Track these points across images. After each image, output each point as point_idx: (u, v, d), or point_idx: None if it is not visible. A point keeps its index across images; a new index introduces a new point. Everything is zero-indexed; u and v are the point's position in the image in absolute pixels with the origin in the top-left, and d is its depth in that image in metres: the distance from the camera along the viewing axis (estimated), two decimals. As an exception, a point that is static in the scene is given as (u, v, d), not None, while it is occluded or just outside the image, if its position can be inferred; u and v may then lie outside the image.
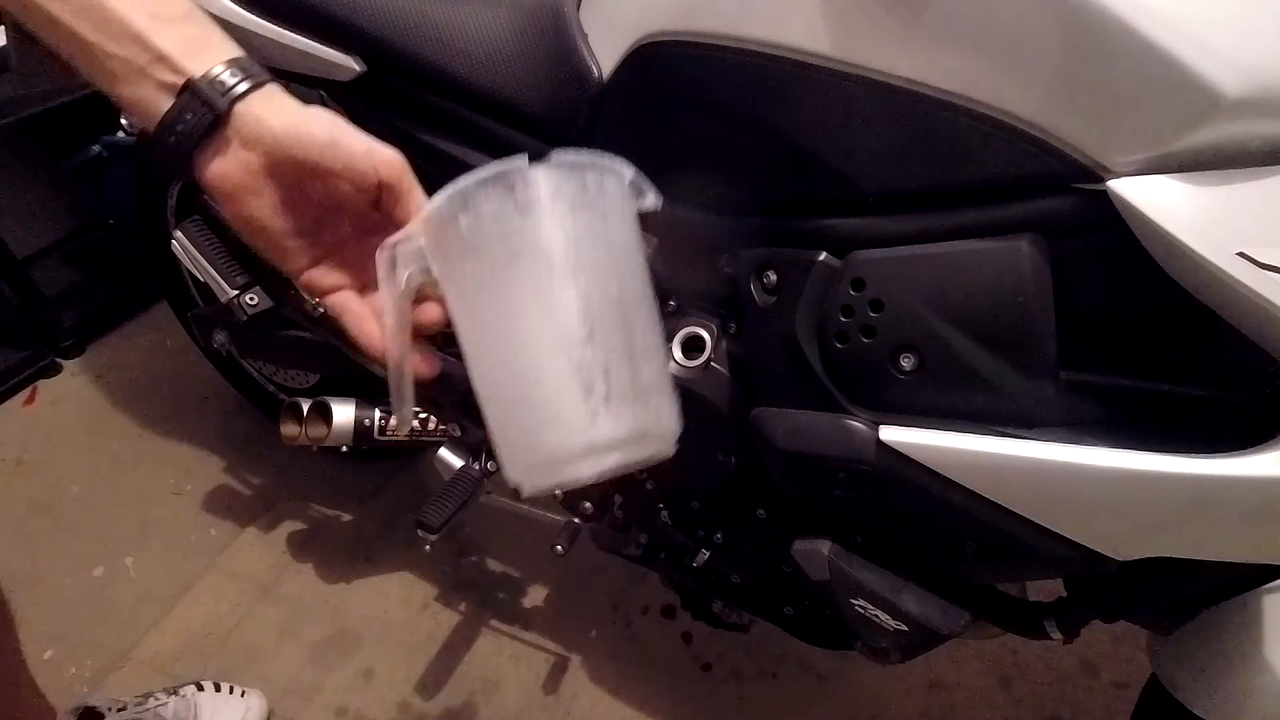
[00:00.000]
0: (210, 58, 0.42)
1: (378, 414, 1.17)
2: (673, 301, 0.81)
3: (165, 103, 0.41)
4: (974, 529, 0.65)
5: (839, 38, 0.59)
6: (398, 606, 1.35)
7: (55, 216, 1.91)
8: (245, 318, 1.12)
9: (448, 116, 0.85)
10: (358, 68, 0.87)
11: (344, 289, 0.48)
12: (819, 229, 0.66)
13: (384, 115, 0.90)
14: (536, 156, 0.41)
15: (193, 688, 1.18)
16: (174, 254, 1.14)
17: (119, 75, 0.41)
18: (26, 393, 1.75)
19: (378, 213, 0.45)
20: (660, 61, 0.70)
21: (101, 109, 1.69)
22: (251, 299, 1.11)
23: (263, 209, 0.44)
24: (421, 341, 0.47)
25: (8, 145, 1.70)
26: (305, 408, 1.17)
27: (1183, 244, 0.49)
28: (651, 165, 0.75)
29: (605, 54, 0.76)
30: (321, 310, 1.09)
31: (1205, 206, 0.50)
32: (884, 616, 0.74)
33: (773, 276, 0.68)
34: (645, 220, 0.83)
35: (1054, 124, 0.54)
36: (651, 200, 0.48)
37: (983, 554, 0.68)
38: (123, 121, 1.70)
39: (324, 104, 1.06)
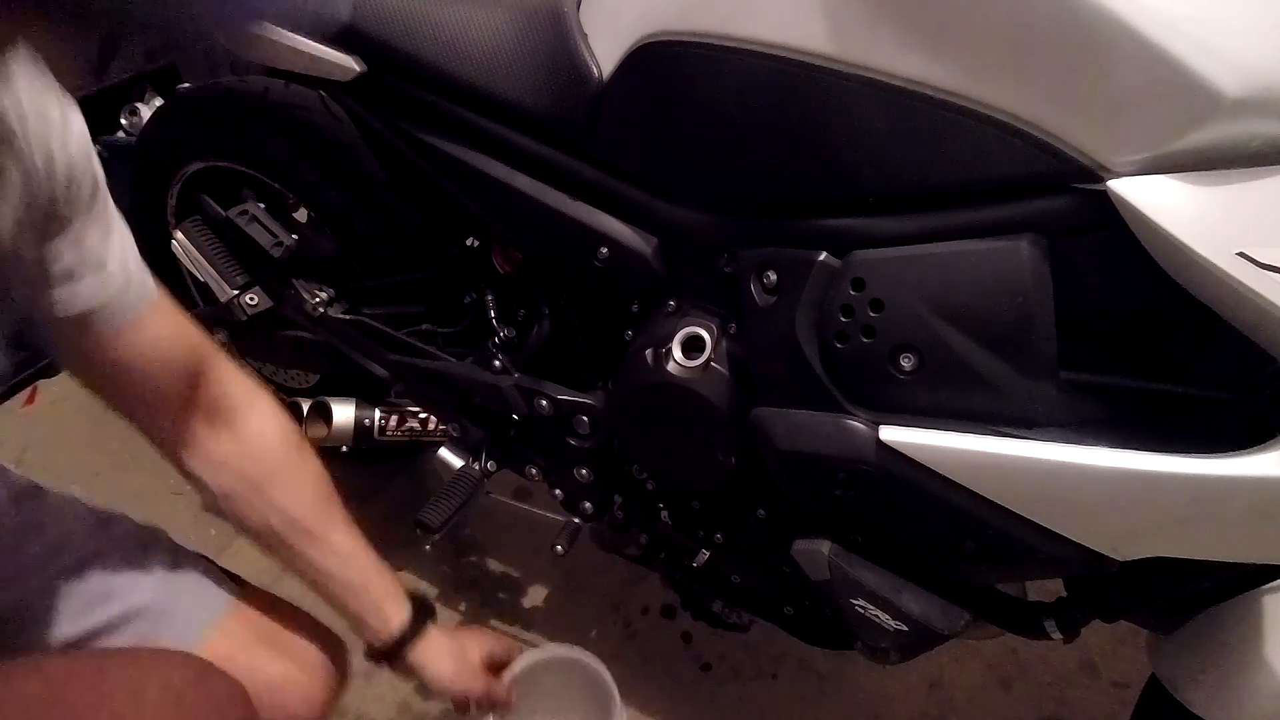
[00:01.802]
0: (398, 615, 0.79)
1: (378, 414, 1.17)
2: (673, 301, 0.81)
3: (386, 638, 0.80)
4: (974, 529, 0.65)
5: (839, 38, 0.59)
6: (398, 606, 1.35)
7: (55, 216, 1.91)
8: (245, 318, 1.12)
9: (448, 116, 0.85)
10: (358, 68, 0.87)
11: None
12: (819, 229, 0.66)
13: (384, 115, 0.90)
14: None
15: None
16: (174, 254, 1.14)
17: (370, 630, 0.80)
18: (26, 393, 1.74)
19: None
20: (660, 61, 0.70)
21: (101, 109, 1.69)
22: (251, 299, 1.11)
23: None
24: None
25: (8, 145, 1.69)
26: (305, 408, 1.17)
27: (1183, 244, 0.49)
28: (652, 165, 0.76)
29: (605, 54, 0.76)
30: (321, 310, 1.09)
31: (1205, 206, 0.50)
32: (884, 616, 0.74)
33: (773, 276, 0.68)
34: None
35: (1054, 124, 0.54)
36: None
37: (983, 554, 0.68)
38: (122, 122, 1.70)
39: (324, 104, 1.07)
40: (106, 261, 0.61)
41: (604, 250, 0.80)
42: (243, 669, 0.74)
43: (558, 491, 1.03)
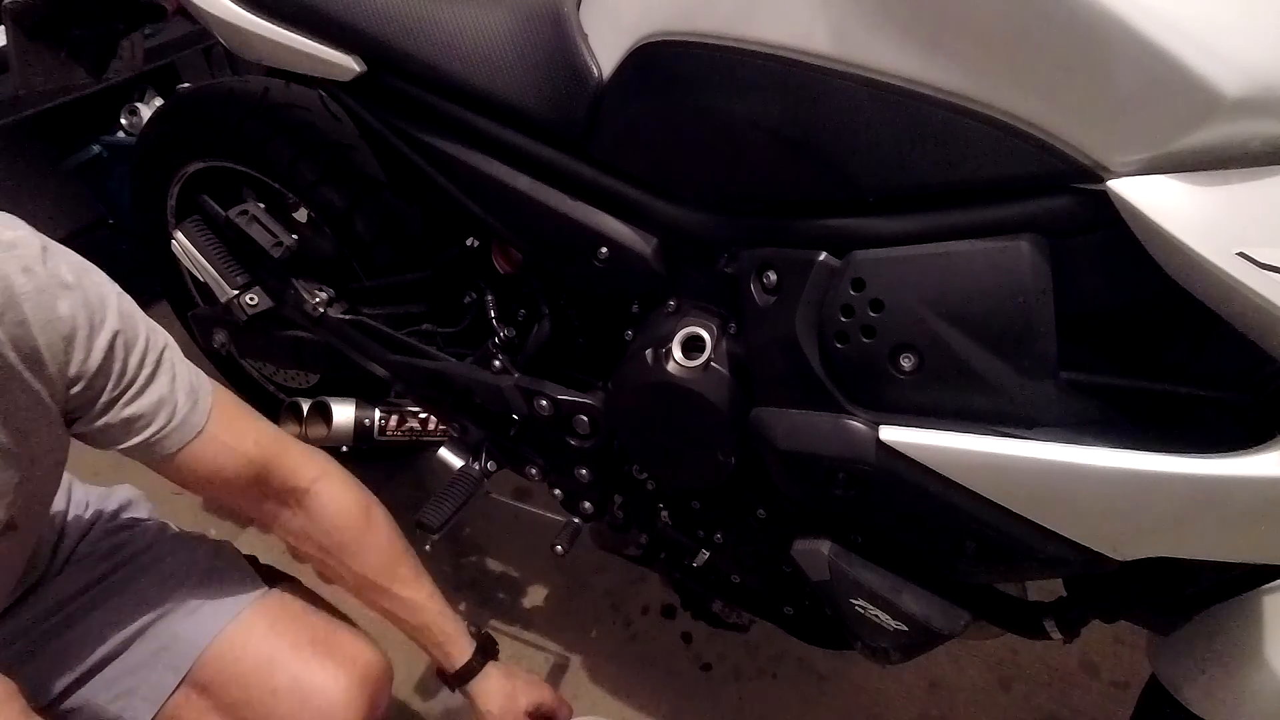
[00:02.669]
0: (460, 656, 0.90)
1: (378, 414, 1.17)
2: (673, 301, 0.81)
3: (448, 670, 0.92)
4: (974, 529, 0.65)
5: (839, 38, 0.59)
6: (398, 606, 1.35)
7: (55, 216, 1.91)
8: (245, 318, 1.12)
9: (447, 117, 0.85)
10: (358, 68, 0.87)
11: None
12: (819, 229, 0.66)
13: (384, 115, 0.90)
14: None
15: None
16: (174, 254, 1.14)
17: (435, 662, 0.92)
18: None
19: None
20: (661, 62, 0.70)
21: (101, 109, 1.69)
22: (251, 299, 1.11)
23: None
24: None
25: (8, 145, 1.69)
26: (305, 408, 1.17)
27: (1183, 244, 0.49)
28: (651, 165, 0.76)
29: (605, 54, 0.76)
30: (321, 310, 1.09)
31: (1205, 206, 0.50)
32: (884, 616, 0.74)
33: (773, 276, 0.68)
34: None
35: (1054, 124, 0.54)
36: None
37: (983, 554, 0.68)
38: (122, 121, 1.70)
39: (324, 104, 1.06)
40: (150, 410, 0.69)
41: (604, 250, 0.80)
42: (264, 666, 0.81)
43: (558, 491, 1.03)
